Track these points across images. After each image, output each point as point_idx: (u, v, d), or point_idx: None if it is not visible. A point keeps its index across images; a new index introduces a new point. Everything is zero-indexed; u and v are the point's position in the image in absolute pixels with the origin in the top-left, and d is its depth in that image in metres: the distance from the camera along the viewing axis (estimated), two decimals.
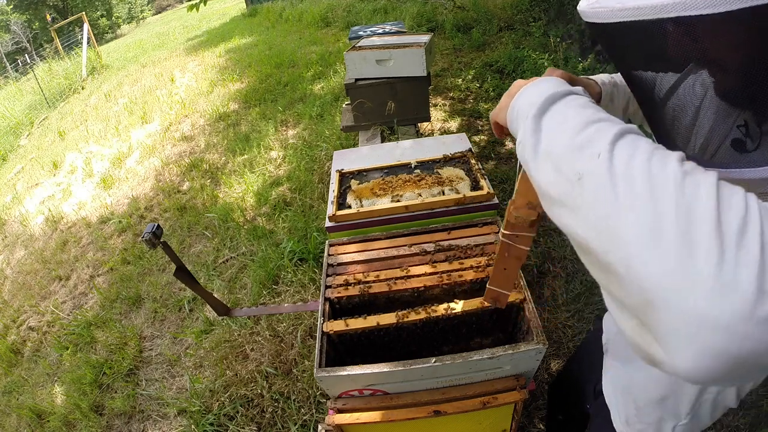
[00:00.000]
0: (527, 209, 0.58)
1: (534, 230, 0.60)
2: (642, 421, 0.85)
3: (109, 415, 2.27)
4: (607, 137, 0.40)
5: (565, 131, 0.44)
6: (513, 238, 0.61)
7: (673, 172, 0.35)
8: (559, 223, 0.45)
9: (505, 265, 0.67)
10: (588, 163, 0.40)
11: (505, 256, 0.65)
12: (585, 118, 0.44)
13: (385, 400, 1.14)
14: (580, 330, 2.09)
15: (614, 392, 0.93)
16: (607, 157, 0.39)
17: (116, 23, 28.24)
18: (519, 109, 0.54)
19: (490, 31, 5.85)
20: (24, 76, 13.48)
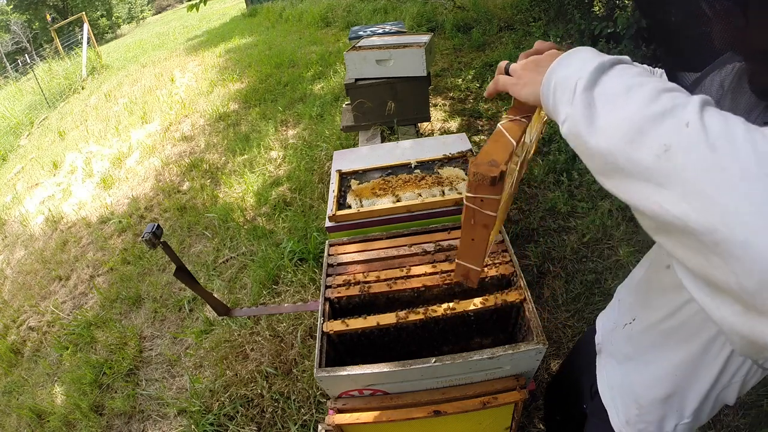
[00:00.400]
0: (488, 166, 0.53)
1: (498, 192, 0.54)
2: (644, 420, 0.84)
3: (109, 415, 2.27)
4: (690, 106, 0.36)
5: (633, 101, 0.40)
6: (477, 201, 0.56)
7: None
8: (635, 200, 0.40)
9: (472, 234, 0.60)
10: (677, 134, 0.35)
11: (471, 224, 0.59)
12: (652, 86, 0.40)
13: (385, 400, 1.14)
14: (580, 330, 2.10)
15: (611, 392, 0.93)
16: (699, 125, 0.34)
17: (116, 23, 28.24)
18: (559, 83, 0.49)
19: (490, 31, 5.85)
20: (24, 76, 13.49)
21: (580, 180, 2.94)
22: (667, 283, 0.77)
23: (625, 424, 0.88)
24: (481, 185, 0.54)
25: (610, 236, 2.51)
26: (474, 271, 0.66)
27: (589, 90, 0.44)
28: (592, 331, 1.12)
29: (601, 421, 1.00)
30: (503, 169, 0.53)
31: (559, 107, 0.49)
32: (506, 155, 0.55)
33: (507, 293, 1.21)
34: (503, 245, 1.36)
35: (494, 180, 0.53)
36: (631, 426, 0.87)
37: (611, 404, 0.92)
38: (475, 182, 0.54)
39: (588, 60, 0.47)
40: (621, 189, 0.42)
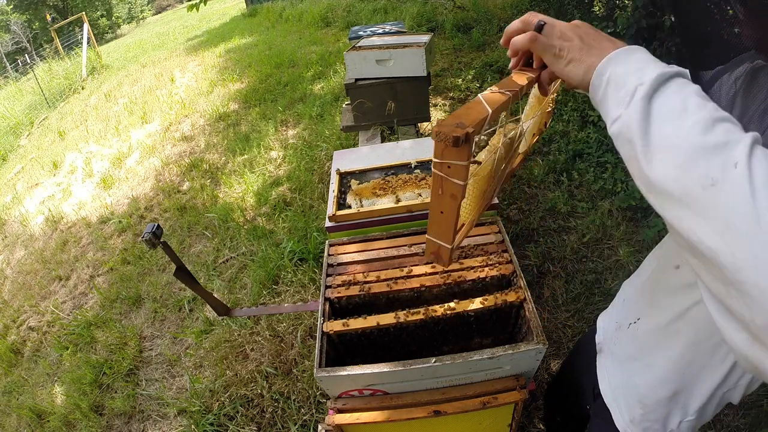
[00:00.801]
0: (453, 126, 0.49)
1: (464, 157, 0.50)
2: (648, 419, 0.84)
3: (109, 415, 2.27)
4: (742, 145, 0.38)
5: (689, 125, 0.41)
6: (444, 168, 0.52)
7: None
8: (672, 219, 0.43)
9: (440, 206, 0.56)
10: (724, 172, 0.37)
11: (439, 194, 0.55)
12: (708, 113, 0.41)
13: (385, 400, 1.14)
14: (580, 330, 2.10)
15: (613, 392, 0.92)
16: (746, 170, 0.36)
17: (116, 23, 28.23)
18: (614, 80, 0.48)
19: (490, 31, 5.85)
20: (24, 76, 13.49)
21: (580, 180, 2.94)
22: (676, 284, 0.76)
23: (630, 424, 0.88)
24: (446, 149, 0.50)
25: (610, 236, 2.51)
26: (444, 248, 0.61)
27: (648, 99, 0.44)
28: (592, 331, 1.12)
29: (604, 422, 1.00)
30: (469, 131, 0.49)
31: (610, 105, 0.48)
32: (476, 120, 0.52)
33: (507, 293, 1.21)
34: (503, 245, 1.36)
35: (457, 140, 0.48)
36: (635, 425, 0.87)
37: (614, 404, 0.92)
38: (440, 145, 0.51)
39: (647, 64, 0.47)
40: (660, 205, 0.44)
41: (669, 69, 0.46)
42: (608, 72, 0.49)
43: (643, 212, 2.56)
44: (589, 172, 2.93)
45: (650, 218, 2.47)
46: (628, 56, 0.49)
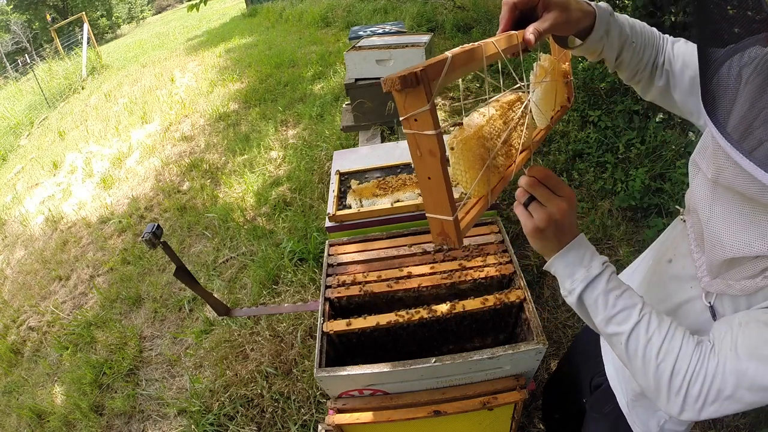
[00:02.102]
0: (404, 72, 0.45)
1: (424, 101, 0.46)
2: (641, 405, 0.87)
3: (109, 415, 2.27)
4: (623, 337, 0.64)
5: (598, 320, 0.67)
6: (411, 123, 0.47)
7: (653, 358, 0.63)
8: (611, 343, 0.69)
9: (425, 171, 0.50)
10: (618, 344, 0.66)
11: (419, 156, 0.49)
12: (607, 312, 0.66)
13: (385, 400, 1.14)
14: (580, 330, 2.09)
15: (617, 375, 0.95)
16: (624, 345, 0.65)
17: (116, 23, 28.23)
18: (558, 275, 0.70)
19: (490, 31, 5.84)
20: (24, 76, 13.49)
21: (580, 180, 2.94)
22: (668, 277, 0.79)
23: (626, 407, 0.92)
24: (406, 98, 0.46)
25: (610, 236, 2.51)
26: (447, 223, 0.53)
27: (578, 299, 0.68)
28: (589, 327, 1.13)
29: (599, 415, 1.01)
30: (418, 71, 0.45)
31: (560, 285, 0.71)
32: (428, 63, 0.48)
33: (507, 293, 1.21)
34: (503, 245, 1.36)
35: (405, 81, 0.44)
36: (631, 409, 0.91)
37: (618, 387, 0.95)
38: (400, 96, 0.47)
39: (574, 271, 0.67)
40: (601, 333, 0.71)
41: (588, 277, 0.66)
42: (552, 269, 0.70)
43: (643, 212, 2.56)
44: (589, 172, 2.93)
45: (650, 218, 2.47)
46: (563, 260, 0.67)
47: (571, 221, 0.65)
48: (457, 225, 0.54)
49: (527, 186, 0.66)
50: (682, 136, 2.79)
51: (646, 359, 0.62)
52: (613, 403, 0.95)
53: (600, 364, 1.01)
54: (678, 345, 0.61)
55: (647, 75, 0.77)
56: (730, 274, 0.62)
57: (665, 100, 0.79)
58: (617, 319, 0.64)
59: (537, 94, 0.75)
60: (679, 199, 2.42)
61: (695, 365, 0.59)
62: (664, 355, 0.61)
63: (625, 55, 0.74)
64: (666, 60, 0.75)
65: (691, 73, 0.72)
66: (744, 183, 0.52)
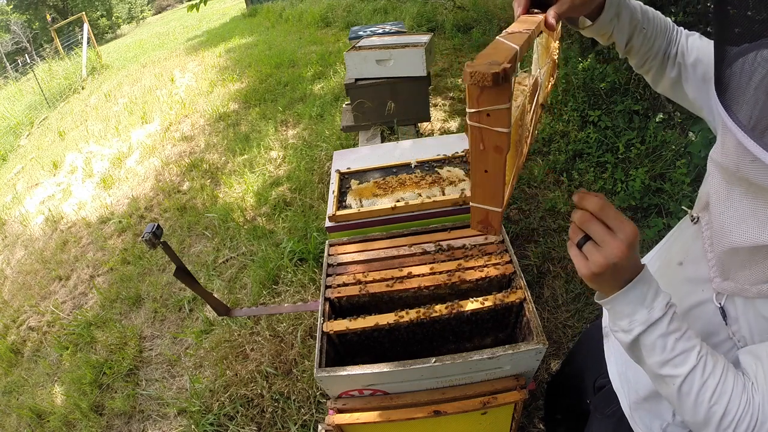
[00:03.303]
0: (487, 65, 0.43)
1: (505, 98, 0.45)
2: (643, 408, 0.87)
3: (109, 415, 2.27)
4: (678, 379, 0.62)
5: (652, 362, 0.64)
6: (483, 117, 0.46)
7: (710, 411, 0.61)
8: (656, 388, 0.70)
9: (483, 164, 0.50)
10: (668, 387, 0.64)
11: (481, 150, 0.49)
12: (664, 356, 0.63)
13: (385, 400, 1.14)
14: (580, 330, 2.10)
15: (620, 378, 0.94)
16: (677, 390, 0.63)
17: (116, 23, 28.22)
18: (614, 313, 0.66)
19: (490, 31, 5.84)
20: (24, 76, 13.48)
21: (580, 180, 2.94)
22: (680, 280, 0.78)
23: (629, 410, 0.91)
24: (482, 94, 0.45)
25: None
26: (493, 213, 0.55)
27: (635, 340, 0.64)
28: (594, 326, 1.12)
29: (602, 416, 1.01)
30: (507, 67, 0.43)
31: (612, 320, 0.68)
32: (509, 56, 0.46)
33: (507, 293, 1.21)
34: (503, 245, 1.36)
35: (497, 77, 0.43)
36: (633, 411, 0.90)
37: (621, 389, 0.94)
38: (475, 89, 0.45)
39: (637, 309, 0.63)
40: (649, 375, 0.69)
41: (649, 320, 0.62)
42: (608, 305, 0.65)
43: (643, 212, 2.56)
44: (589, 172, 2.93)
45: (650, 218, 2.47)
46: (626, 296, 0.63)
47: (633, 262, 0.61)
48: (501, 216, 0.57)
49: (580, 223, 0.61)
50: (682, 137, 2.79)
51: (698, 401, 0.61)
52: (616, 405, 0.94)
53: (604, 365, 1.01)
54: (730, 387, 0.60)
55: (657, 64, 0.77)
56: (743, 276, 0.62)
57: (676, 92, 0.78)
58: (675, 362, 0.62)
59: (541, 73, 0.76)
60: (679, 199, 2.42)
61: (744, 405, 0.59)
62: (717, 397, 0.60)
63: (635, 41, 0.74)
64: (679, 52, 0.75)
65: (704, 68, 0.72)
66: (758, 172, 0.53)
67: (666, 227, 2.33)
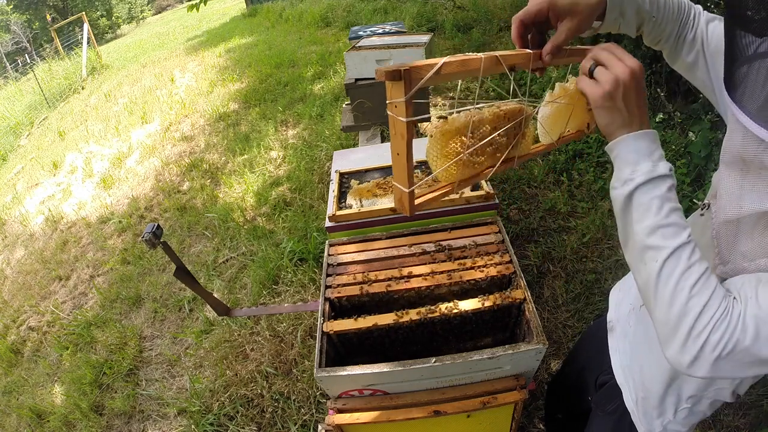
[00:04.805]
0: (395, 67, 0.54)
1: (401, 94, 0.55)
2: (648, 404, 0.87)
3: (109, 415, 2.27)
4: (666, 251, 0.58)
5: (642, 227, 0.60)
6: (392, 108, 0.57)
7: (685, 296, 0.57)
8: (628, 262, 0.65)
9: (396, 148, 0.60)
10: (652, 262, 0.60)
11: (393, 134, 0.59)
12: (658, 219, 0.59)
13: (385, 400, 1.14)
14: (580, 330, 2.09)
15: (624, 373, 0.94)
16: (659, 267, 0.59)
17: (116, 23, 28.22)
18: (618, 160, 0.63)
19: (490, 31, 5.85)
20: (24, 76, 13.47)
21: (580, 180, 2.94)
22: None
23: (634, 405, 0.91)
24: (391, 88, 0.55)
25: (610, 236, 2.51)
26: (404, 194, 0.63)
27: (630, 196, 0.61)
28: (596, 324, 1.12)
29: (604, 413, 1.01)
30: (404, 69, 0.53)
31: (614, 172, 0.64)
32: (422, 64, 0.56)
33: (507, 293, 1.21)
34: (503, 245, 1.36)
35: (390, 74, 0.53)
36: (638, 407, 0.90)
37: (625, 384, 0.94)
38: (387, 85, 0.55)
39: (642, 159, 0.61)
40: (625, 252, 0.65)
41: (653, 173, 0.60)
42: (615, 151, 0.63)
43: None
44: (589, 172, 2.93)
45: None
46: (634, 143, 0.61)
47: (641, 93, 0.61)
48: (412, 197, 0.64)
49: (592, 55, 0.63)
50: (682, 137, 2.79)
51: (678, 288, 0.57)
52: (618, 402, 0.95)
53: (606, 362, 1.01)
54: (714, 285, 0.57)
55: (670, 46, 0.76)
56: (740, 254, 0.63)
57: (691, 74, 0.78)
58: (666, 231, 0.58)
59: (545, 112, 0.76)
60: (680, 198, 2.42)
61: (723, 310, 0.55)
62: (699, 289, 0.56)
63: (645, 28, 0.74)
64: (697, 37, 0.74)
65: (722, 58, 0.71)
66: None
67: None
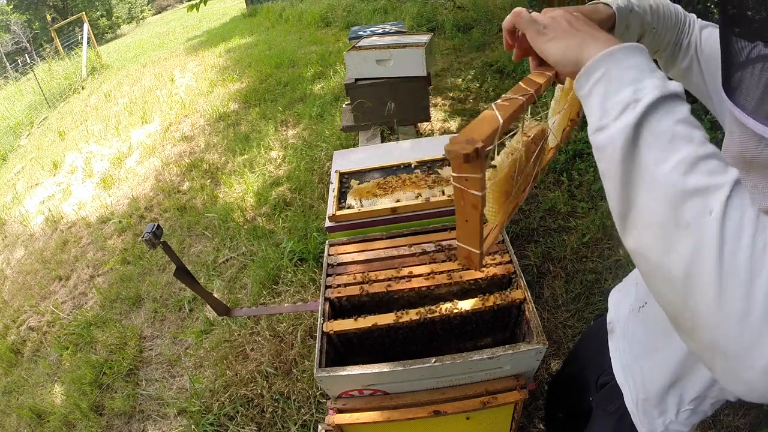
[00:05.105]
0: (463, 143, 0.52)
1: (477, 170, 0.53)
2: (649, 404, 0.86)
3: (109, 415, 2.27)
4: (721, 193, 0.38)
5: (672, 163, 0.40)
6: (462, 181, 0.55)
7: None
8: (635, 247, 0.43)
9: (464, 216, 0.61)
10: (700, 217, 0.37)
11: (462, 205, 0.59)
12: (693, 149, 0.40)
13: (385, 400, 1.14)
14: (580, 330, 2.09)
15: (624, 374, 0.94)
16: (720, 219, 0.36)
17: (116, 23, 28.21)
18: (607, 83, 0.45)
19: (490, 31, 5.85)
20: (24, 76, 13.47)
21: (580, 180, 2.94)
22: None
23: (635, 406, 0.90)
24: (458, 164, 0.53)
25: (610, 236, 2.51)
26: (474, 254, 0.64)
27: (639, 124, 0.42)
28: (597, 324, 1.12)
29: (605, 414, 1.01)
30: (478, 147, 0.51)
31: (594, 107, 0.46)
32: (486, 133, 0.53)
33: (507, 293, 1.21)
34: (503, 245, 1.36)
35: (468, 157, 0.51)
36: (639, 408, 0.89)
37: (625, 385, 0.93)
38: (451, 158, 0.53)
39: (644, 75, 0.44)
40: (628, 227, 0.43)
41: (666, 88, 0.43)
42: (602, 70, 0.46)
43: None
44: (589, 172, 2.93)
45: None
46: (627, 59, 0.45)
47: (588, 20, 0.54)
48: (482, 255, 0.65)
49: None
50: None
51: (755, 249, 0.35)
52: (619, 402, 0.94)
53: (606, 362, 1.01)
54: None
55: (668, 54, 0.77)
56: None
57: (686, 80, 0.78)
58: (710, 165, 0.39)
59: (555, 120, 0.77)
60: None
61: None
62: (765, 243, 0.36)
63: (645, 40, 0.74)
64: (692, 43, 0.74)
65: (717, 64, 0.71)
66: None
67: None
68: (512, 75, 4.49)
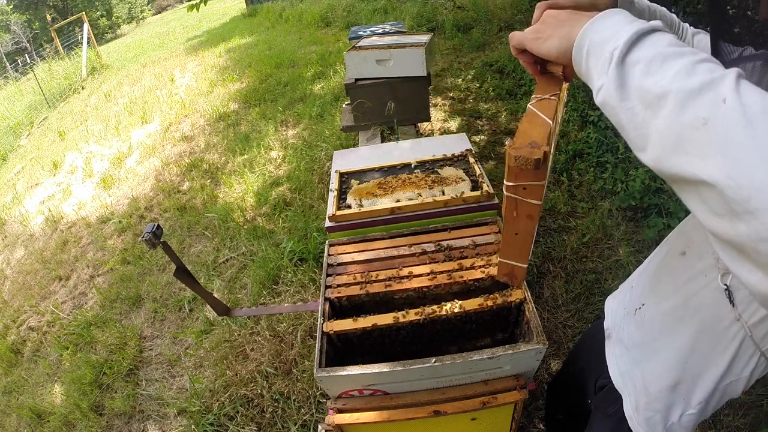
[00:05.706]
0: (529, 148, 0.48)
1: (542, 177, 0.50)
2: (651, 408, 0.84)
3: (109, 415, 2.27)
4: (727, 81, 0.38)
5: (671, 74, 0.40)
6: (519, 190, 0.51)
7: None
8: (675, 172, 0.41)
9: (515, 228, 0.56)
10: (715, 109, 0.37)
11: (514, 216, 0.54)
12: (687, 58, 0.41)
13: (385, 400, 1.14)
14: (580, 330, 2.09)
15: (623, 378, 0.93)
16: (736, 102, 0.36)
17: (116, 23, 28.22)
18: (593, 49, 0.48)
19: (490, 31, 5.85)
20: (24, 76, 13.48)
21: (580, 180, 2.94)
22: (681, 270, 0.77)
23: (635, 411, 0.88)
24: (523, 171, 0.49)
25: (610, 236, 2.51)
26: (519, 269, 0.61)
27: (622, 60, 0.44)
28: (596, 326, 1.12)
29: (604, 416, 1.00)
30: (546, 150, 0.48)
31: (593, 75, 0.48)
32: (545, 135, 0.50)
33: (507, 293, 1.21)
34: None
35: (538, 163, 0.48)
36: (639, 413, 0.87)
37: (624, 390, 0.92)
38: (516, 168, 0.49)
39: (622, 26, 0.46)
40: (657, 159, 0.43)
41: (643, 26, 0.45)
42: (586, 44, 0.49)
43: (643, 212, 2.56)
44: (589, 172, 2.93)
45: (650, 218, 2.47)
46: (604, 22, 0.48)
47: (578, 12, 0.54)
48: (525, 270, 0.63)
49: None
50: None
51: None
52: (618, 405, 0.94)
53: (605, 364, 1.00)
54: None
55: None
56: None
57: None
58: (707, 65, 0.40)
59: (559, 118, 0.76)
60: (679, 198, 2.42)
61: None
62: None
63: None
64: None
65: None
66: None
67: (666, 227, 2.33)
68: (512, 75, 4.49)
